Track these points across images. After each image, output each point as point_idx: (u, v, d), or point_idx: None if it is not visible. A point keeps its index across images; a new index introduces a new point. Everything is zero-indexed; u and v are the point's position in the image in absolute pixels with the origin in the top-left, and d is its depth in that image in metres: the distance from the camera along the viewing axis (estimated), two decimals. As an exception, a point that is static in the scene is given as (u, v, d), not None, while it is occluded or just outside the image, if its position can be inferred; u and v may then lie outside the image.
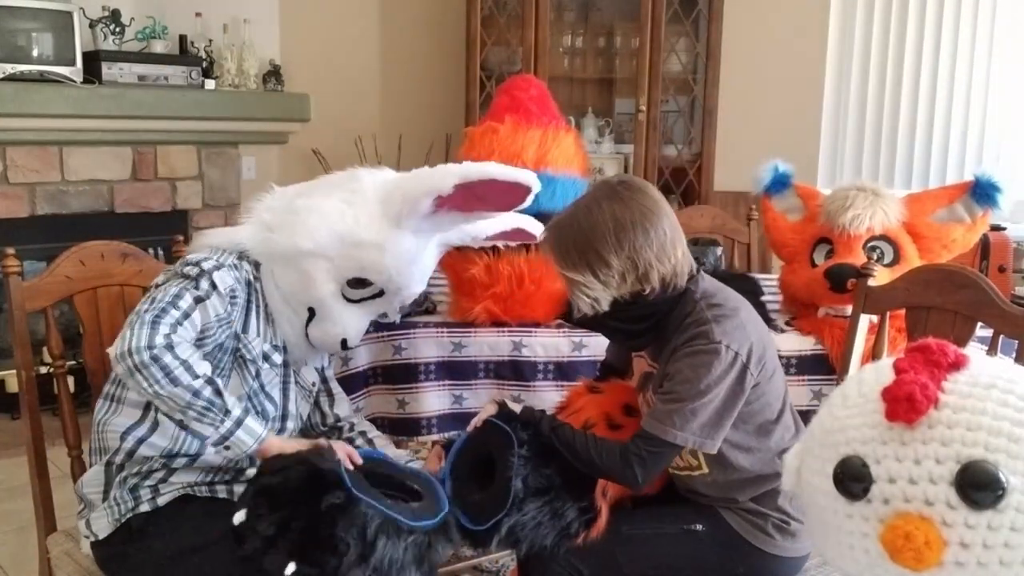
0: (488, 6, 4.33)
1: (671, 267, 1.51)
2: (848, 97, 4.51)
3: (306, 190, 1.71)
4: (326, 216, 1.62)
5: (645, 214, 1.50)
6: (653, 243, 1.49)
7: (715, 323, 1.50)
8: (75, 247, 1.85)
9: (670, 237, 1.51)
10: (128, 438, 1.58)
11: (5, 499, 2.98)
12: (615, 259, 1.48)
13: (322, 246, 1.61)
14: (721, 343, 1.48)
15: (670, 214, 1.54)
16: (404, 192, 1.63)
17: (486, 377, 2.16)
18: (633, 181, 1.57)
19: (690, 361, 1.49)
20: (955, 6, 4.22)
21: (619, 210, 1.49)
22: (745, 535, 1.60)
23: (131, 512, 1.55)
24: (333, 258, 1.63)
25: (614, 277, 1.49)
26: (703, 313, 1.52)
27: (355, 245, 1.62)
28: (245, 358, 1.63)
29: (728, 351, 1.48)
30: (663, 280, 1.51)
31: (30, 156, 3.70)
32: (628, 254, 1.48)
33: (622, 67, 4.64)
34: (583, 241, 1.50)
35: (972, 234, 2.24)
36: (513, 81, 2.26)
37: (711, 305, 1.53)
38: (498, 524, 1.53)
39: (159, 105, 3.84)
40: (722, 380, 1.47)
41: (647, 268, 1.49)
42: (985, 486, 0.84)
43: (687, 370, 1.48)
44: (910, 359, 0.93)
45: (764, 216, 2.51)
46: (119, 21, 3.83)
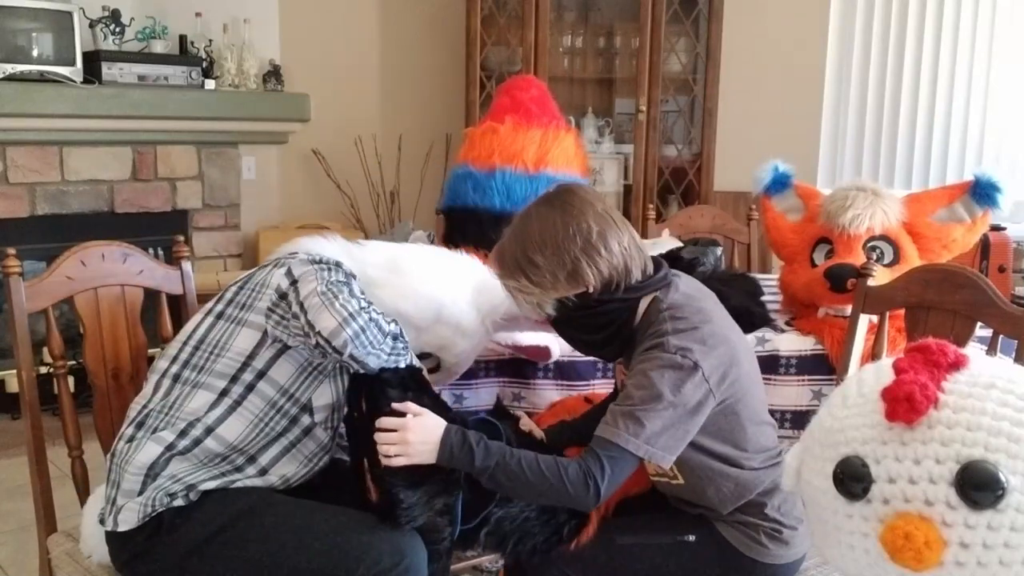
0: (488, 6, 4.33)
1: (607, 263, 1.50)
2: (848, 97, 4.51)
3: (402, 253, 1.75)
4: (432, 287, 1.68)
5: (567, 210, 1.50)
6: (576, 237, 1.48)
7: (673, 335, 1.47)
8: (75, 247, 1.85)
9: (597, 231, 1.49)
10: (198, 425, 1.54)
11: (5, 499, 2.98)
12: (540, 257, 1.49)
13: (422, 316, 1.66)
14: (677, 354, 1.45)
15: (602, 213, 1.52)
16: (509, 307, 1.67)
17: (486, 377, 2.16)
18: (565, 186, 1.59)
19: (645, 367, 1.46)
20: (955, 6, 4.22)
21: (544, 211, 1.52)
22: (738, 546, 1.59)
23: (164, 507, 1.50)
24: (423, 331, 1.68)
25: (546, 277, 1.50)
26: (664, 324, 1.50)
27: (445, 324, 1.68)
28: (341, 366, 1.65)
29: (686, 361, 1.44)
30: (603, 278, 1.50)
31: (30, 156, 3.70)
32: (552, 251, 1.49)
33: (622, 67, 4.64)
34: (513, 247, 1.53)
35: (972, 234, 2.24)
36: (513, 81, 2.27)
37: (674, 317, 1.50)
38: (486, 519, 1.53)
39: (159, 105, 3.84)
40: (678, 390, 1.43)
41: (574, 264, 1.48)
42: (985, 486, 0.84)
43: (640, 376, 1.46)
44: (910, 359, 0.93)
45: (764, 216, 2.51)
46: (119, 21, 3.83)
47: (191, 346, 1.62)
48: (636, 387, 1.45)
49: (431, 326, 1.67)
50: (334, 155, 4.50)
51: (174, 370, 1.61)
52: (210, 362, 1.59)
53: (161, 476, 1.52)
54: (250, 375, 1.57)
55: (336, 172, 4.49)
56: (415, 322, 1.66)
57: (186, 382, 1.59)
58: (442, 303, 1.68)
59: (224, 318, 1.63)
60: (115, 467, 1.55)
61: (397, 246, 1.79)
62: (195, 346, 1.62)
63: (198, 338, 1.63)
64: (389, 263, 1.70)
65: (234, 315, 1.62)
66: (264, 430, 1.57)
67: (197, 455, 1.54)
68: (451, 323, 1.68)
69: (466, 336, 1.70)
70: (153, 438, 1.54)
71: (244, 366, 1.57)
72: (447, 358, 1.74)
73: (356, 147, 4.51)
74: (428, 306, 1.66)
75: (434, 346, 1.71)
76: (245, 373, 1.57)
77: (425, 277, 1.69)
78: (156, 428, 1.55)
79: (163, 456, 1.52)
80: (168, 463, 1.53)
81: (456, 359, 1.75)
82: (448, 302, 1.68)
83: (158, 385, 1.61)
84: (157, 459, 1.52)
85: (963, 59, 4.24)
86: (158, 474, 1.52)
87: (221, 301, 1.66)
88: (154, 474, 1.52)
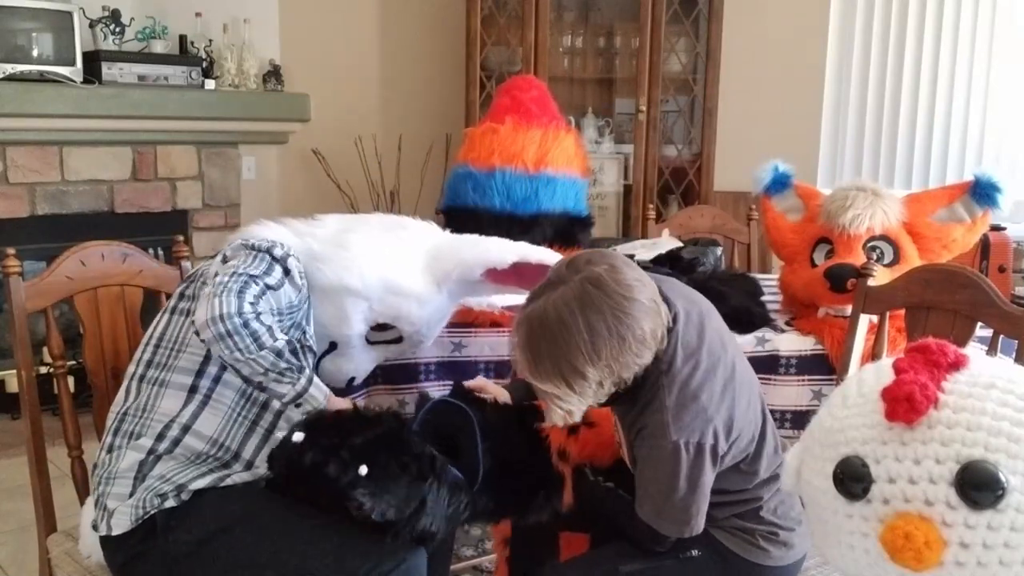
0: (488, 6, 4.33)
1: (649, 356, 1.42)
2: (848, 97, 4.51)
3: (353, 224, 1.74)
4: (377, 259, 1.66)
5: (619, 317, 1.36)
6: (632, 346, 1.38)
7: (673, 420, 1.42)
8: (75, 247, 1.85)
9: (649, 331, 1.39)
10: (173, 426, 1.55)
11: (5, 499, 2.98)
12: (591, 370, 1.37)
13: (368, 288, 1.64)
14: (679, 441, 1.42)
15: (642, 295, 1.39)
16: (461, 258, 1.68)
17: (486, 377, 2.16)
18: (601, 276, 1.38)
19: (655, 457, 1.45)
20: (955, 6, 4.22)
21: (593, 318, 1.36)
22: (741, 552, 1.58)
23: (156, 508, 1.50)
24: (373, 301, 1.66)
25: (591, 387, 1.40)
26: (664, 400, 1.44)
27: (398, 293, 1.66)
28: (312, 349, 1.65)
29: (689, 447, 1.43)
30: (639, 370, 1.43)
31: (30, 156, 3.70)
32: (606, 363, 1.37)
33: (622, 67, 4.64)
34: (557, 353, 1.37)
35: (972, 234, 2.24)
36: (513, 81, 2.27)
37: (672, 388, 1.44)
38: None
39: (159, 105, 3.84)
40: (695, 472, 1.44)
41: (624, 370, 1.40)
42: (985, 486, 0.84)
43: (652, 467, 1.46)
44: (910, 359, 0.93)
45: (764, 216, 2.51)
46: (119, 21, 3.83)
47: (152, 345, 1.63)
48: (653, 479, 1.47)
49: (382, 297, 1.66)
50: (334, 155, 4.50)
51: (140, 371, 1.62)
52: (172, 359, 1.59)
53: (149, 477, 1.52)
54: (214, 367, 1.58)
55: (336, 172, 4.49)
56: (363, 294, 1.65)
57: (153, 382, 1.59)
58: (388, 273, 1.66)
59: (178, 312, 1.64)
60: (100, 478, 1.56)
61: (347, 219, 1.77)
62: (156, 345, 1.63)
63: (158, 336, 1.64)
64: (334, 237, 1.69)
65: (186, 308, 1.63)
66: (239, 420, 1.59)
67: (181, 454, 1.55)
68: (402, 292, 1.66)
69: (422, 304, 1.68)
70: (133, 446, 1.55)
71: (207, 359, 1.58)
72: (405, 327, 1.72)
73: (356, 147, 4.51)
74: (374, 278, 1.64)
75: (389, 316, 1.69)
76: (209, 366, 1.58)
77: (370, 249, 1.67)
78: (133, 433, 1.56)
79: (147, 459, 1.53)
80: (155, 464, 1.53)
81: (415, 328, 1.72)
82: (396, 272, 1.66)
83: (128, 389, 1.62)
84: (142, 463, 1.53)
85: (963, 59, 4.24)
86: (146, 475, 1.52)
87: (175, 296, 1.68)
88: (142, 476, 1.53)
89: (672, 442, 1.43)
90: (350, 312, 1.66)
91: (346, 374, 1.75)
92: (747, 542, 1.58)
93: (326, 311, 1.66)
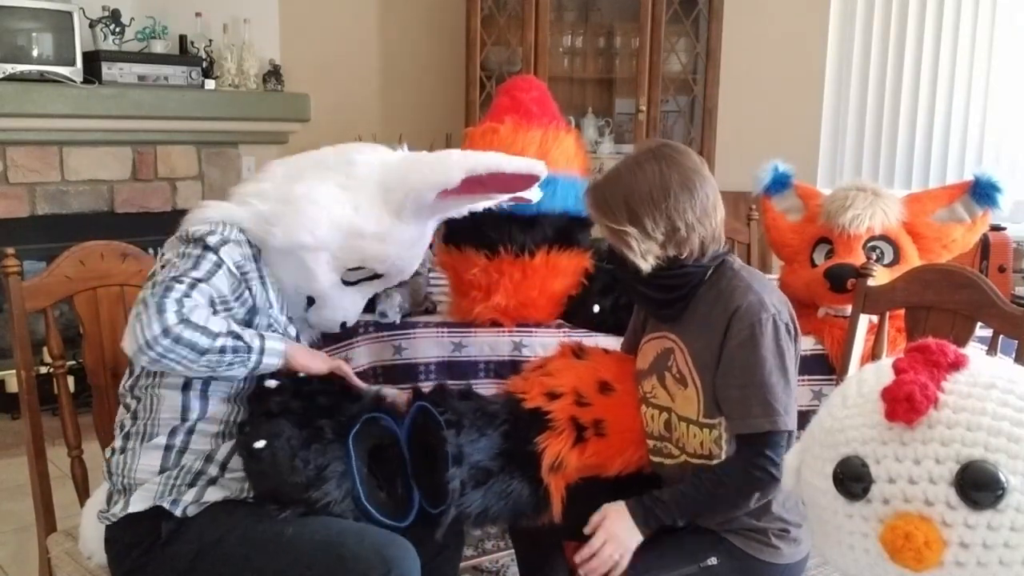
0: (488, 6, 4.33)
1: (711, 231, 1.52)
2: (848, 97, 4.51)
3: (296, 172, 1.64)
4: (325, 207, 1.57)
5: (688, 175, 1.50)
6: (696, 205, 1.49)
7: (762, 293, 1.50)
8: (75, 247, 1.85)
9: (712, 201, 1.51)
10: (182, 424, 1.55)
11: (5, 499, 2.98)
12: (660, 217, 1.48)
13: (323, 240, 1.58)
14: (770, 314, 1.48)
15: (711, 179, 1.54)
16: (409, 185, 1.60)
17: (486, 377, 2.15)
18: (677, 144, 1.57)
19: (745, 342, 1.48)
20: (955, 6, 4.22)
21: (664, 169, 1.49)
22: (755, 554, 1.57)
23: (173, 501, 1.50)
24: (334, 250, 1.60)
25: (657, 237, 1.49)
26: (749, 282, 1.52)
27: (357, 236, 1.59)
28: (272, 327, 1.61)
29: (778, 322, 1.48)
30: (702, 244, 1.52)
31: (30, 156, 3.70)
32: (669, 214, 1.48)
33: (622, 67, 4.64)
34: (628, 198, 1.50)
35: (972, 234, 2.24)
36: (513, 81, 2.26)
37: (741, 279, 1.53)
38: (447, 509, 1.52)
39: (159, 105, 3.84)
40: (784, 351, 1.49)
41: (688, 230, 1.49)
42: (985, 486, 0.84)
43: (744, 350, 1.48)
44: (910, 359, 0.93)
45: (764, 216, 2.50)
46: (119, 21, 3.83)
47: None
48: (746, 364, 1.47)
49: (341, 244, 1.59)
50: (334, 155, 4.50)
51: (129, 383, 1.61)
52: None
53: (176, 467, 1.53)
54: None
55: (336, 172, 4.49)
56: (320, 247, 1.58)
57: (148, 387, 1.57)
58: (341, 219, 1.58)
59: None
60: (117, 474, 1.55)
61: (293, 164, 1.67)
62: None
63: None
64: (280, 192, 1.60)
65: None
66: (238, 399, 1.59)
67: (197, 447, 1.55)
68: (360, 234, 1.59)
69: (386, 240, 1.60)
70: (149, 444, 1.55)
71: None
72: (376, 266, 1.66)
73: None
74: (326, 228, 1.57)
75: (355, 260, 1.63)
76: None
77: (318, 198, 1.58)
78: (145, 435, 1.55)
79: (168, 455, 1.54)
80: (179, 458, 1.54)
81: (387, 264, 1.66)
82: (349, 216, 1.58)
83: (127, 405, 1.60)
84: (164, 457, 1.53)
85: (963, 59, 4.24)
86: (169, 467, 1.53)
87: None
88: (166, 468, 1.53)
89: (772, 314, 1.48)
90: (313, 267, 1.60)
91: (334, 322, 1.70)
92: (760, 542, 1.57)
93: (290, 270, 1.61)
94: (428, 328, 2.16)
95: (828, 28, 4.48)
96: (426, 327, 2.16)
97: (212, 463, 1.55)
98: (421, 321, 2.18)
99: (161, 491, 1.52)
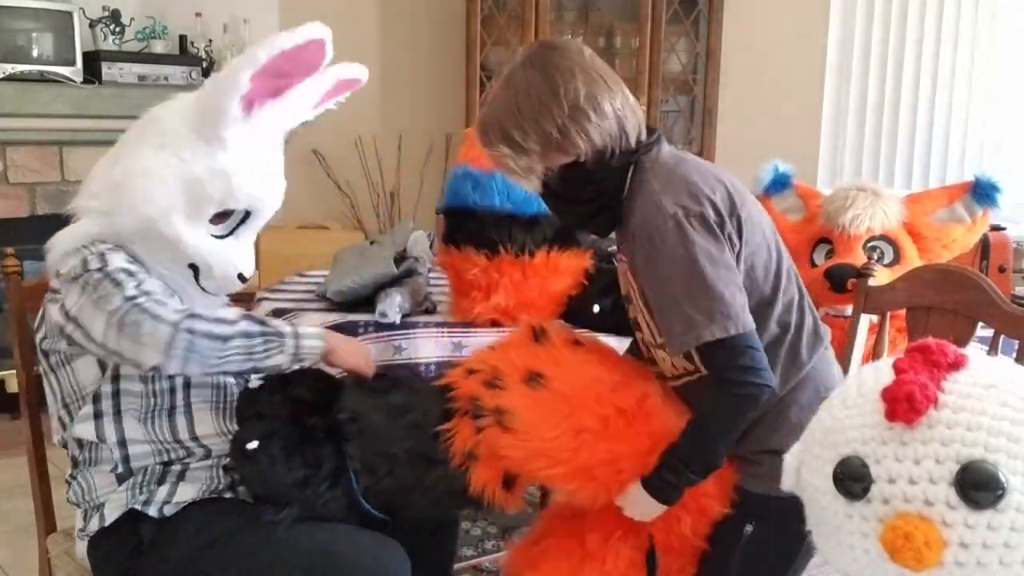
0: (488, 6, 4.33)
1: (604, 128, 1.39)
2: (848, 97, 4.51)
3: (113, 157, 1.58)
4: (152, 173, 1.50)
5: (550, 73, 1.39)
6: (564, 103, 1.37)
7: (664, 195, 1.37)
8: (75, 247, 1.84)
9: (585, 93, 1.38)
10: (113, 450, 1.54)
11: (5, 499, 2.98)
12: (528, 126, 1.38)
13: (166, 203, 1.50)
14: (677, 213, 1.34)
15: (590, 72, 1.40)
16: (206, 107, 1.51)
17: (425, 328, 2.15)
18: (554, 41, 1.47)
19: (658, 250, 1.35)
20: (955, 6, 4.22)
21: (529, 74, 1.40)
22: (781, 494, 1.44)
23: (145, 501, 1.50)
24: (183, 207, 1.51)
25: (532, 148, 1.39)
26: (648, 185, 1.40)
27: (195, 183, 1.50)
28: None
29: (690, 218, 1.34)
30: (595, 145, 1.40)
31: (30, 156, 3.70)
32: (536, 119, 1.38)
33: (622, 67, 4.63)
34: (498, 117, 1.41)
35: (972, 234, 2.25)
36: (513, 81, 2.26)
37: (656, 175, 1.41)
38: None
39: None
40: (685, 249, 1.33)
41: (562, 132, 1.38)
42: (985, 486, 0.84)
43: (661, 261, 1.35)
44: (910, 359, 0.93)
45: (764, 216, 2.50)
46: (119, 21, 3.83)
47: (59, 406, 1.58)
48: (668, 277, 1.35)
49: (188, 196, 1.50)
50: (334, 155, 4.50)
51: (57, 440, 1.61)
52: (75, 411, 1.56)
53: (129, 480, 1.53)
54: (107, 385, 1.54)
55: (336, 172, 4.49)
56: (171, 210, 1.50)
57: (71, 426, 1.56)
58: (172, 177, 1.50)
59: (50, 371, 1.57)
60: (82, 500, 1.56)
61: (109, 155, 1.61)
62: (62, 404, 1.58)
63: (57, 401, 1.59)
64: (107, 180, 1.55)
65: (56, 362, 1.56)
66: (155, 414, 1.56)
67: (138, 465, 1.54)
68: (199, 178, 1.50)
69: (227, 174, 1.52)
70: (95, 471, 1.55)
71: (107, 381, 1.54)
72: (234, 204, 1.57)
73: (356, 147, 4.51)
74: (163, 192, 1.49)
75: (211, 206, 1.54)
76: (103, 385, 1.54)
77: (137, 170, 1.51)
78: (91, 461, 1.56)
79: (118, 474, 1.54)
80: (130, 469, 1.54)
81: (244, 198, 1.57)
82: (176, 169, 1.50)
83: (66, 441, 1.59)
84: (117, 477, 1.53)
85: (963, 59, 4.24)
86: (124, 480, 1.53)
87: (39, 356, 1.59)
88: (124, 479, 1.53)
89: (671, 216, 1.34)
90: (172, 232, 1.51)
91: (229, 279, 1.61)
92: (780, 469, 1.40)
93: (156, 248, 1.53)
94: (428, 328, 2.16)
95: (828, 28, 4.48)
96: (426, 327, 2.16)
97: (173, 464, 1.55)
98: (421, 321, 2.18)
99: (130, 496, 1.51)
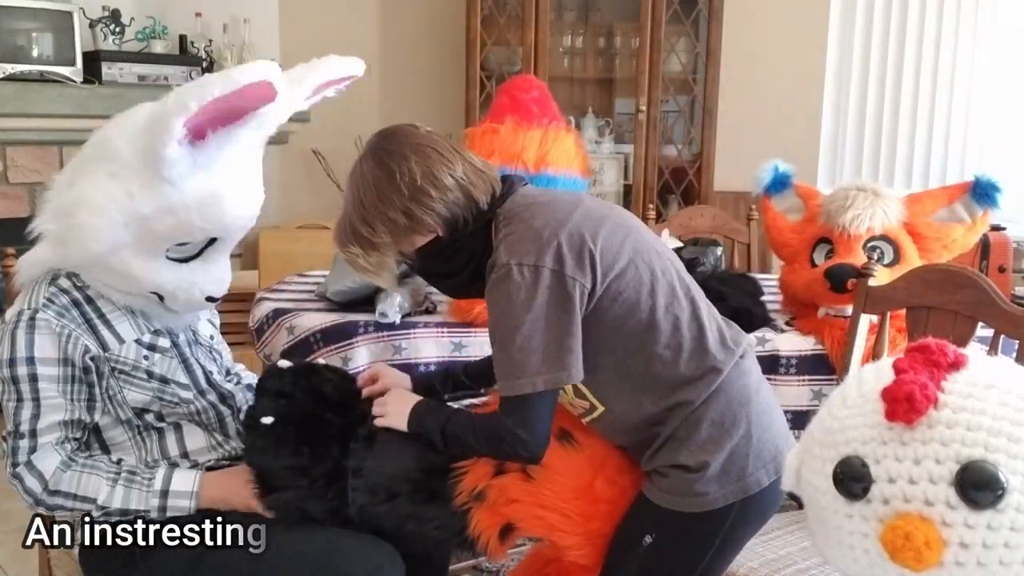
0: (488, 6, 4.33)
1: (449, 200, 1.39)
2: (848, 97, 4.51)
3: (70, 177, 1.48)
4: (99, 210, 1.40)
5: (383, 160, 1.40)
6: (402, 186, 1.37)
7: (503, 245, 1.36)
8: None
9: (422, 172, 1.38)
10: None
11: (5, 499, 2.98)
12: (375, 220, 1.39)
13: (114, 241, 1.42)
14: (510, 263, 1.33)
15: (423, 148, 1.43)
16: (146, 147, 1.37)
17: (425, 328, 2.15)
18: (387, 129, 1.49)
19: (491, 300, 1.36)
20: (955, 6, 4.22)
21: (365, 168, 1.42)
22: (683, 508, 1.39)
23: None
24: (134, 244, 1.43)
25: (382, 240, 1.40)
26: (497, 238, 1.39)
27: (145, 222, 1.41)
28: (123, 371, 1.49)
29: (522, 268, 1.32)
30: (443, 216, 1.39)
31: (30, 156, 3.70)
32: (381, 210, 1.38)
33: (622, 67, 4.64)
34: (349, 219, 1.43)
35: (972, 234, 2.24)
36: (513, 81, 2.27)
37: (506, 226, 1.39)
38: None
39: (159, 105, 3.83)
40: (532, 301, 1.31)
41: (408, 216, 1.38)
42: (985, 486, 0.84)
43: (492, 311, 1.36)
44: (910, 359, 0.93)
45: (764, 216, 2.51)
46: (119, 21, 3.83)
47: None
48: (494, 325, 1.37)
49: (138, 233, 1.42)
50: (334, 155, 4.49)
51: None
52: None
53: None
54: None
55: (336, 172, 4.48)
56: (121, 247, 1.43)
57: None
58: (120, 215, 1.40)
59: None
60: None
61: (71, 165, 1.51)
62: None
63: None
64: (60, 204, 1.46)
65: None
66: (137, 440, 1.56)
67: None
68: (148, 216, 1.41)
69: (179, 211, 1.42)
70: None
71: None
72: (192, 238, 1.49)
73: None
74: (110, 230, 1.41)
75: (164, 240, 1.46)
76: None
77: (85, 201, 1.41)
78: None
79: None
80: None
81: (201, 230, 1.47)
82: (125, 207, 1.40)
83: None
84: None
85: (963, 59, 4.24)
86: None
87: None
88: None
89: (503, 266, 1.34)
90: (126, 268, 1.45)
91: (196, 302, 1.54)
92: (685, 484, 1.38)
93: (113, 279, 1.47)
94: (428, 328, 2.16)
95: (828, 28, 4.48)
96: (426, 327, 2.16)
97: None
98: (421, 321, 2.18)
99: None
